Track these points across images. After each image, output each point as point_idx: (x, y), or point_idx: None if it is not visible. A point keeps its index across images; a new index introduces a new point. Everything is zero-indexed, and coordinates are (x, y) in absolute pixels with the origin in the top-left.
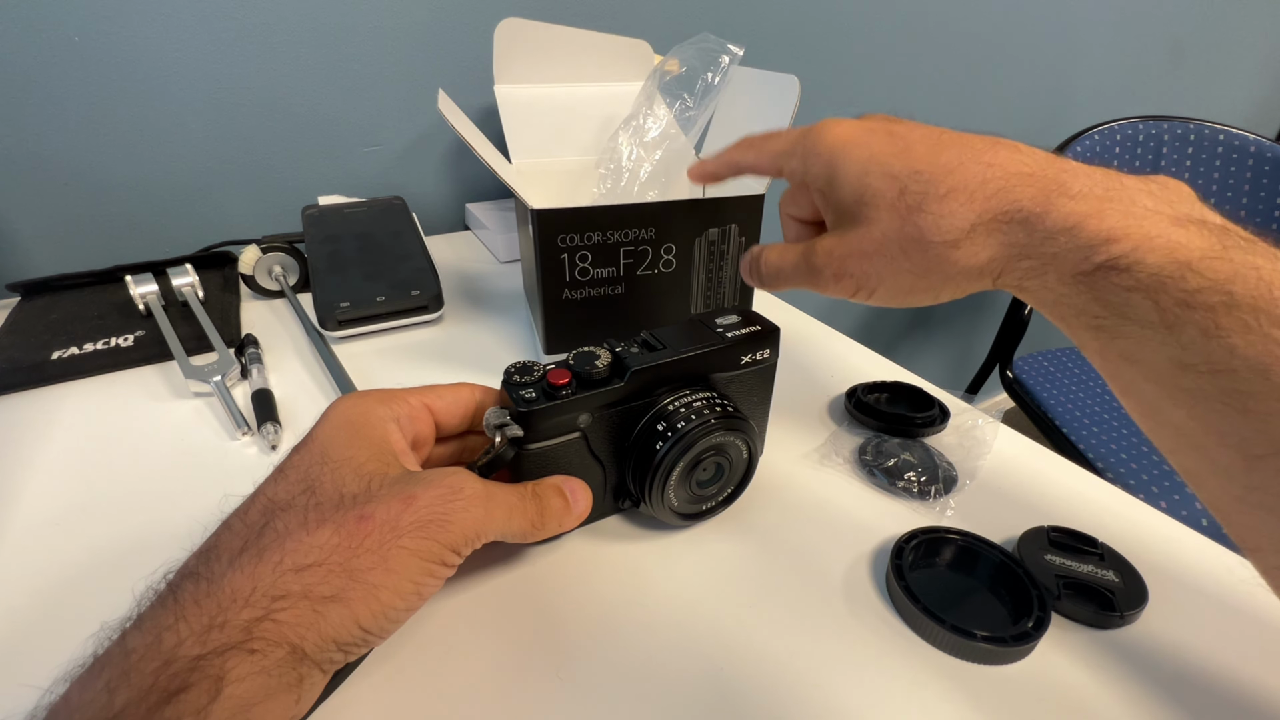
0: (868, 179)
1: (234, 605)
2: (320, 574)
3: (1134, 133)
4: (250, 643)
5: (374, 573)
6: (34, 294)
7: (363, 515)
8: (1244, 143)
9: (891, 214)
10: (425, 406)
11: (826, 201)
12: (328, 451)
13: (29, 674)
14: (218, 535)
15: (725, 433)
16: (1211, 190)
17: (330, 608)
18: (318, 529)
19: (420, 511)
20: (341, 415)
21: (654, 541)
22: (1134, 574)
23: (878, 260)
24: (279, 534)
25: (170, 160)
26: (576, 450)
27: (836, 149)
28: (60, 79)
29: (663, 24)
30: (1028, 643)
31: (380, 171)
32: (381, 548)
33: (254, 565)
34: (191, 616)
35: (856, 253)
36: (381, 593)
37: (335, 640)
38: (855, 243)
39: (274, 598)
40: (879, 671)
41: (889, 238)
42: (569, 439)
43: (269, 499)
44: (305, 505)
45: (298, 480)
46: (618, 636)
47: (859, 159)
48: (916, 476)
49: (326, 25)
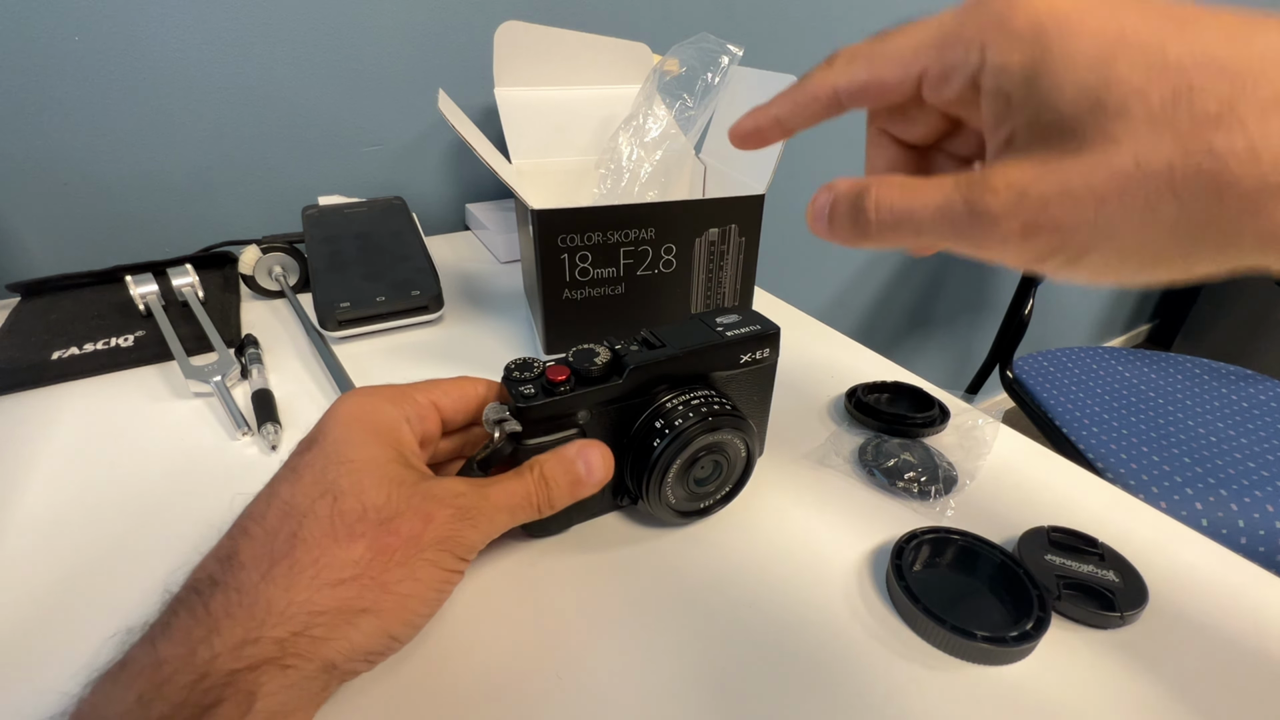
0: (1114, 69)
1: (269, 620)
2: (355, 589)
3: None
4: (284, 659)
5: (404, 584)
6: (34, 294)
7: (392, 530)
8: None
9: (1158, 129)
10: (432, 405)
11: (1016, 110)
12: (343, 452)
13: (29, 673)
14: (235, 540)
15: (723, 431)
16: None
17: (363, 619)
18: (350, 543)
19: (438, 530)
20: (352, 413)
21: (653, 541)
22: (1134, 574)
23: (1116, 205)
24: (308, 545)
25: (170, 160)
26: None
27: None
28: (60, 79)
29: (662, 25)
30: (1028, 643)
31: (380, 171)
32: (409, 561)
33: (287, 579)
34: (225, 630)
35: (1077, 191)
36: (411, 602)
37: (365, 650)
38: (1078, 174)
39: (310, 613)
40: (879, 672)
41: (1149, 169)
42: (567, 435)
43: (286, 503)
44: (330, 514)
45: (314, 483)
46: (618, 636)
47: (1096, 36)
48: (916, 476)
49: (326, 25)
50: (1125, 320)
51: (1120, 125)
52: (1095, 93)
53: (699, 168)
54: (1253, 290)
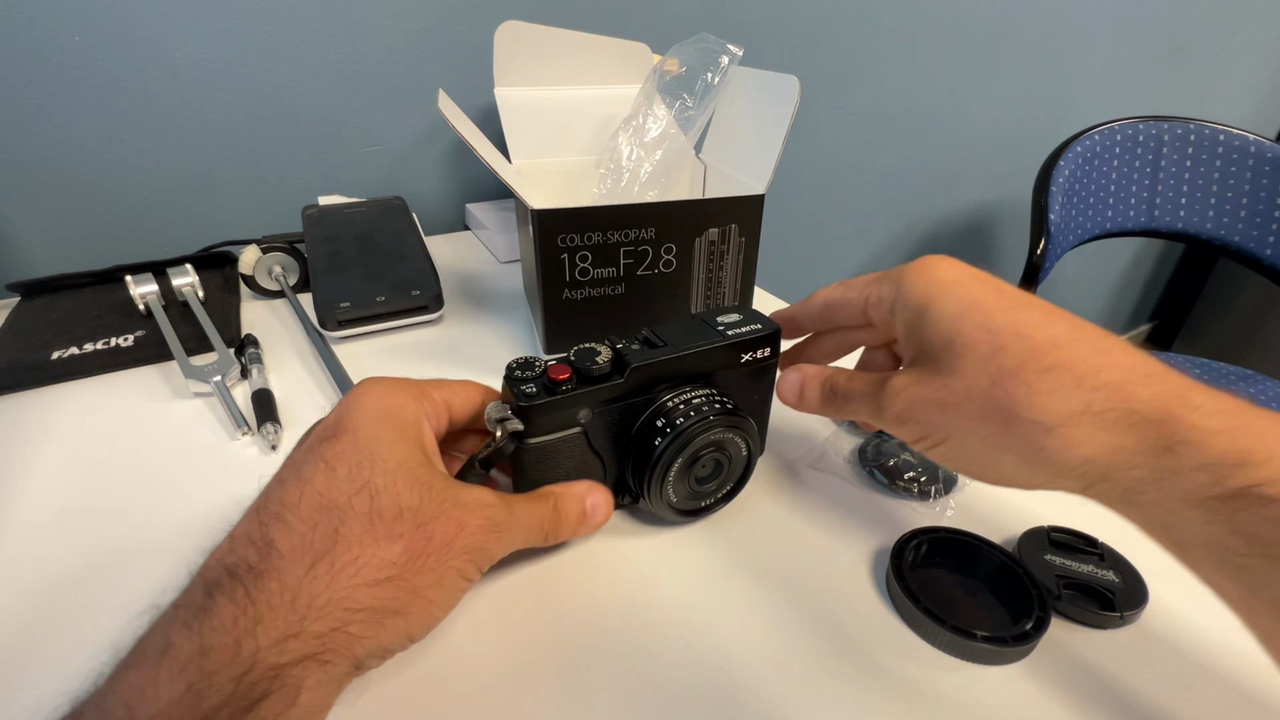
0: (962, 324)
1: (310, 615)
2: (390, 590)
3: (1134, 133)
4: (323, 654)
5: (432, 589)
6: (34, 294)
7: (428, 535)
8: (1244, 143)
9: (980, 371)
10: (445, 404)
11: (910, 335)
12: (376, 450)
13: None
14: (268, 527)
15: (724, 430)
16: (1211, 190)
17: (391, 620)
18: (388, 544)
19: (468, 539)
20: (379, 407)
21: (653, 541)
22: (1134, 574)
23: (952, 416)
24: (349, 543)
25: (170, 160)
26: (576, 445)
27: (937, 282)
28: (60, 79)
29: (662, 25)
30: (1028, 643)
31: (380, 171)
32: (439, 567)
33: (329, 575)
34: (268, 622)
35: (930, 401)
36: (434, 607)
37: (385, 648)
38: (932, 390)
39: (348, 610)
40: (879, 671)
41: (971, 396)
42: (569, 434)
43: (323, 495)
44: (368, 512)
45: (349, 479)
46: (617, 636)
47: (960, 299)
48: (916, 476)
49: (327, 25)
50: (1125, 320)
51: (960, 363)
52: (950, 337)
53: (699, 168)
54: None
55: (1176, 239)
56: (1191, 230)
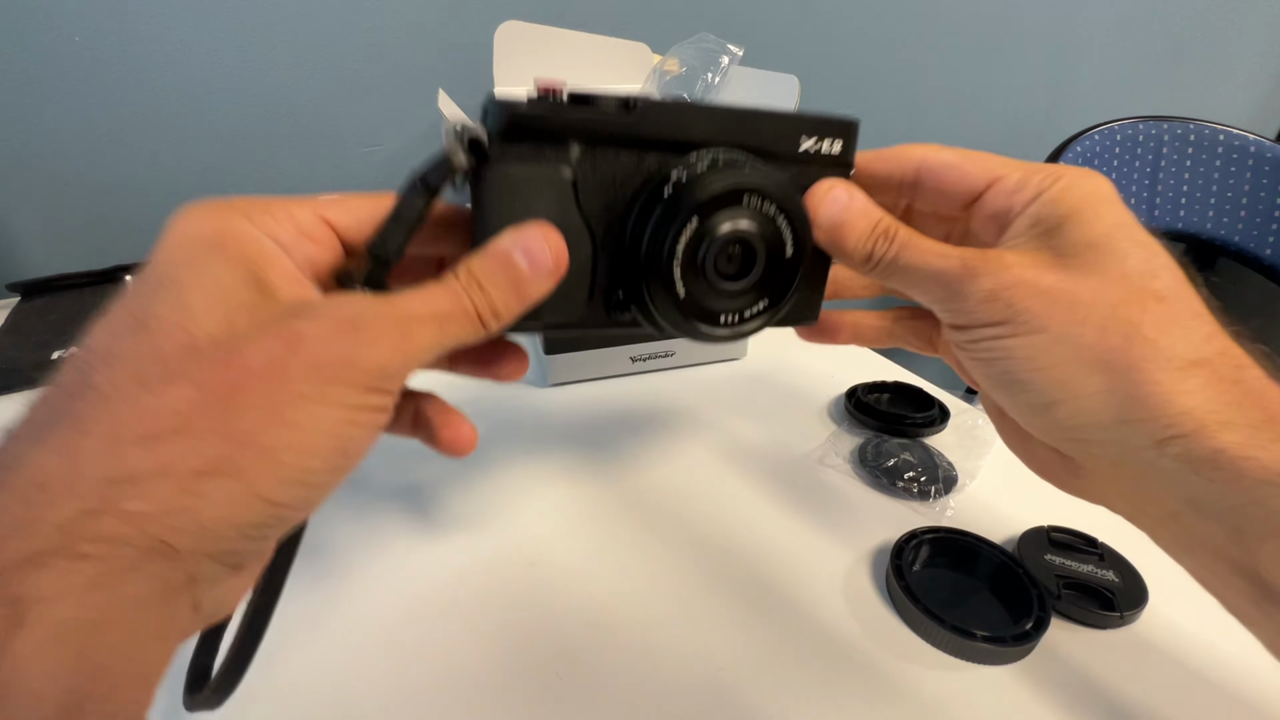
0: (1119, 234)
1: (43, 497)
2: (183, 444)
3: (1134, 133)
4: (75, 546)
5: (267, 432)
6: (34, 294)
7: (232, 364)
8: (1244, 143)
9: (1125, 283)
10: (321, 221)
11: (1039, 227)
12: (173, 277)
13: None
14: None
15: (761, 196)
16: (1211, 190)
17: (209, 484)
18: (166, 386)
19: (313, 353)
20: (190, 231)
21: (654, 540)
22: (1134, 574)
23: (1063, 310)
24: (104, 395)
25: (170, 160)
26: (559, 197)
27: (1101, 189)
28: (61, 79)
29: (662, 25)
30: (1028, 643)
31: (380, 171)
32: (270, 401)
33: (72, 440)
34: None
35: (1044, 287)
36: (285, 454)
37: (232, 523)
38: (1056, 278)
39: (109, 481)
40: (879, 671)
41: (1103, 299)
42: (550, 172)
43: (85, 351)
44: (137, 353)
45: (123, 320)
46: (617, 636)
47: (1122, 215)
48: (916, 476)
49: (326, 25)
50: None
51: (1106, 264)
52: (1102, 240)
53: None
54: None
55: (1176, 239)
56: (1191, 230)
